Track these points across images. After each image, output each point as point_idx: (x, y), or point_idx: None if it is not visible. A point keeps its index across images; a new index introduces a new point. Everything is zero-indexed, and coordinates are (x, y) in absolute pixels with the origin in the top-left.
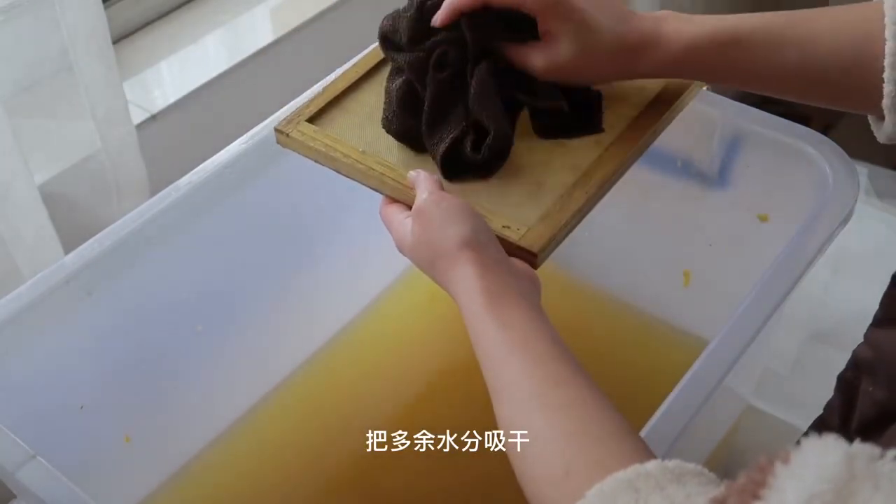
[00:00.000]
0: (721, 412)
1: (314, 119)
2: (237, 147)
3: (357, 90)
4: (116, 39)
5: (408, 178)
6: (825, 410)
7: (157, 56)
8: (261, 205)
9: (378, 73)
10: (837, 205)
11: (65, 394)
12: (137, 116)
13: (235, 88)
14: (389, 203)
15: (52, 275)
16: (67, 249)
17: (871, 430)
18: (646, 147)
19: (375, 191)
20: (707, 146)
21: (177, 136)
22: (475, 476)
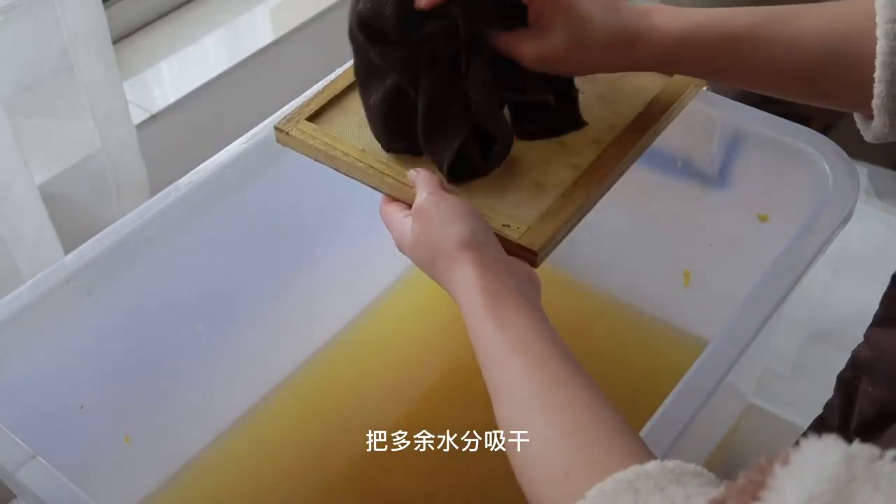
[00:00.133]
0: (721, 412)
1: (314, 118)
2: (237, 147)
3: (357, 89)
4: (116, 39)
5: (408, 177)
6: (825, 410)
7: (157, 56)
8: (261, 205)
9: None
10: (837, 205)
11: (65, 394)
12: (137, 116)
13: (235, 88)
14: (389, 202)
15: (52, 275)
16: (67, 249)
17: (871, 430)
18: (646, 147)
19: (375, 189)
20: (707, 146)
21: (177, 136)
22: (475, 476)
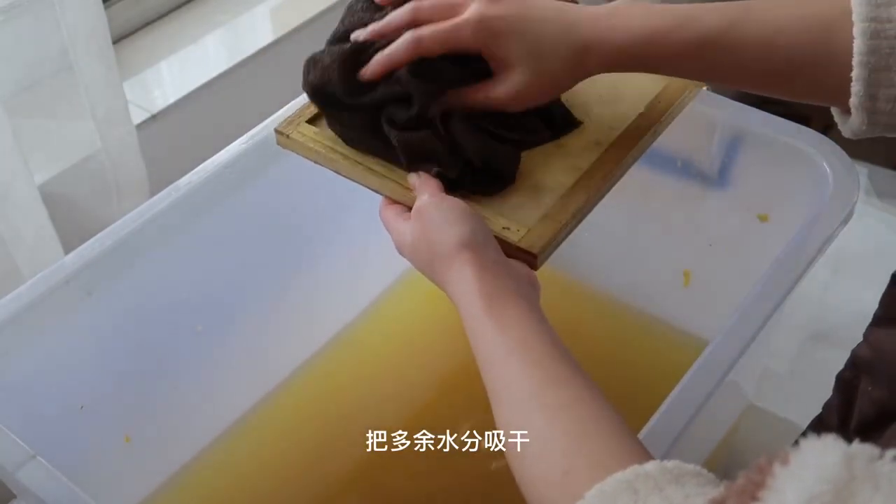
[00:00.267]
0: (721, 412)
1: (314, 120)
2: (237, 147)
3: None
4: (116, 39)
5: (409, 181)
6: (824, 410)
7: (157, 56)
8: (261, 205)
9: None
10: (837, 205)
11: (65, 394)
12: (137, 116)
13: (235, 88)
14: (389, 204)
15: (52, 275)
16: (67, 249)
17: (870, 430)
18: (646, 147)
19: (375, 192)
20: (707, 146)
21: (177, 136)
22: (475, 476)
